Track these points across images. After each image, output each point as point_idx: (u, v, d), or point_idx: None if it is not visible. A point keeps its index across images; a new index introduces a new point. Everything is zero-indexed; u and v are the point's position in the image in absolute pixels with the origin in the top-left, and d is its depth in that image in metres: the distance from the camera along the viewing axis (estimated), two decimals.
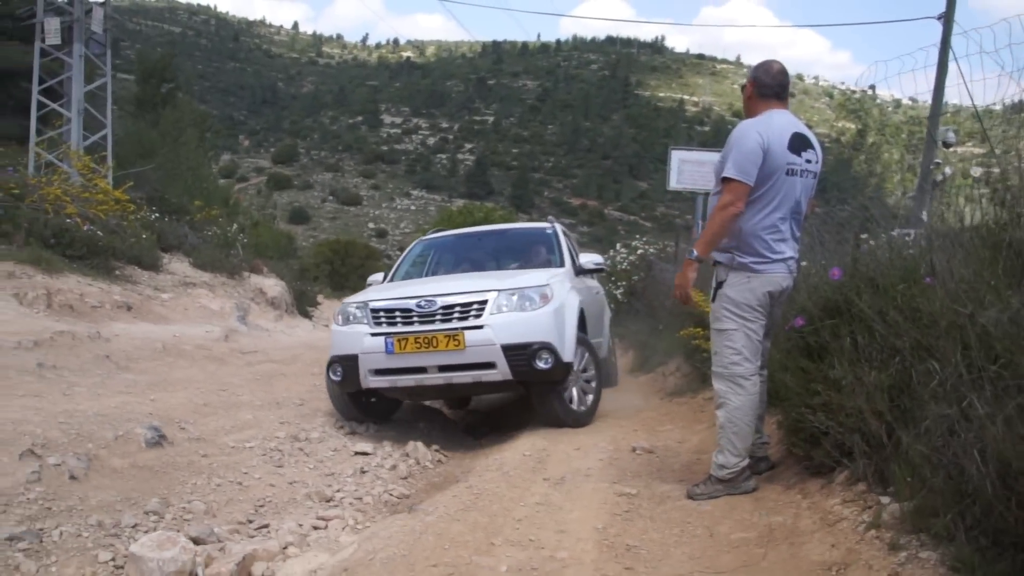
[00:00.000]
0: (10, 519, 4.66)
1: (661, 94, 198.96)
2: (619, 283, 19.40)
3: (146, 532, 4.81)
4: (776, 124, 5.11)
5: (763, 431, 5.59)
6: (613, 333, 12.51)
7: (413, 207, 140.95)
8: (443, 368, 7.69)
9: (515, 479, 5.94)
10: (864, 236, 5.86)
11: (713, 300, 5.33)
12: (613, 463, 6.34)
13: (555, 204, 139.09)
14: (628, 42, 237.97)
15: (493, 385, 8.08)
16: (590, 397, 8.40)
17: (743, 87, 5.53)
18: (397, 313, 7.91)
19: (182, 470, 6.24)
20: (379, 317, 7.98)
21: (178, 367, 9.80)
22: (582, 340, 8.28)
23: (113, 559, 4.53)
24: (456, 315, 7.74)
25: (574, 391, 8.20)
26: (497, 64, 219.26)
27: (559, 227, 10.47)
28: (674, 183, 15.83)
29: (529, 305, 7.83)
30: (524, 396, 9.85)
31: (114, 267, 14.84)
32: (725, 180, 5.07)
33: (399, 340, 7.69)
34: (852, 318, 4.80)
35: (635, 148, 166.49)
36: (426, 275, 10.25)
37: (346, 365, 7.97)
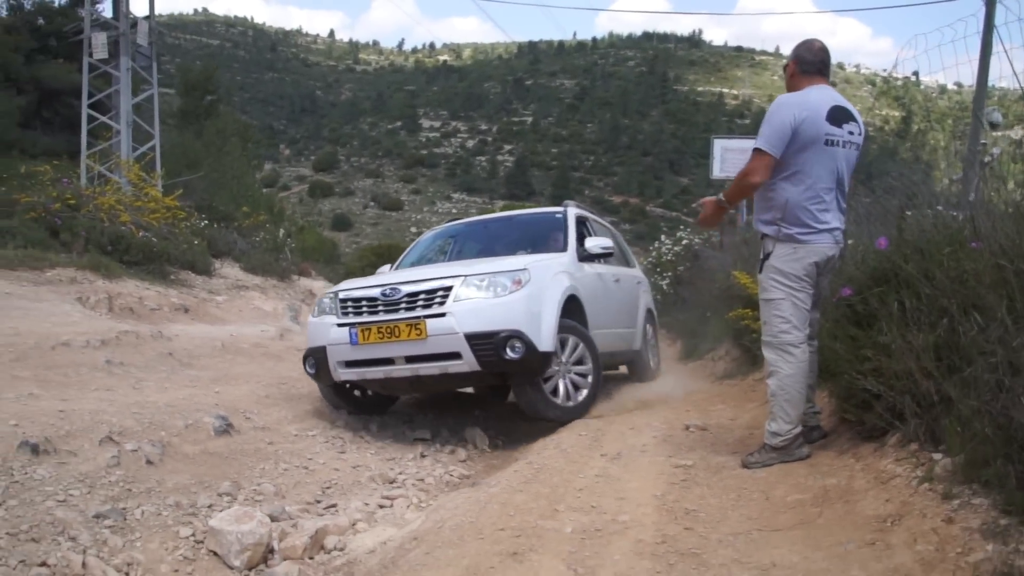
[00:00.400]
0: (95, 499, 4.89)
1: (700, 88, 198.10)
2: (664, 274, 19.50)
3: (221, 511, 5.01)
4: (813, 98, 5.27)
5: (814, 401, 5.72)
6: (659, 323, 12.48)
7: (455, 210, 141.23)
8: (409, 359, 7.33)
9: (573, 455, 6.11)
10: (909, 213, 5.96)
11: (760, 271, 5.48)
12: (667, 440, 6.48)
13: (596, 202, 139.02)
14: (665, 37, 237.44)
15: (464, 378, 7.64)
16: (583, 392, 7.89)
17: (785, 67, 5.70)
18: (364, 302, 7.64)
19: (250, 456, 6.46)
20: (346, 307, 7.75)
21: (237, 363, 10.05)
22: (572, 328, 7.83)
23: (193, 534, 4.76)
24: (420, 303, 7.35)
25: (561, 384, 7.72)
26: (534, 64, 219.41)
27: (574, 211, 9.83)
28: (717, 172, 15.97)
29: (498, 291, 7.37)
30: None
31: (169, 272, 15.20)
32: (754, 149, 5.27)
33: (363, 330, 7.44)
34: (899, 284, 4.91)
35: (675, 144, 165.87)
36: (427, 263, 9.78)
37: (317, 357, 7.80)
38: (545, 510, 4.59)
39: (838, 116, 5.28)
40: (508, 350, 7.11)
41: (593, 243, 9.05)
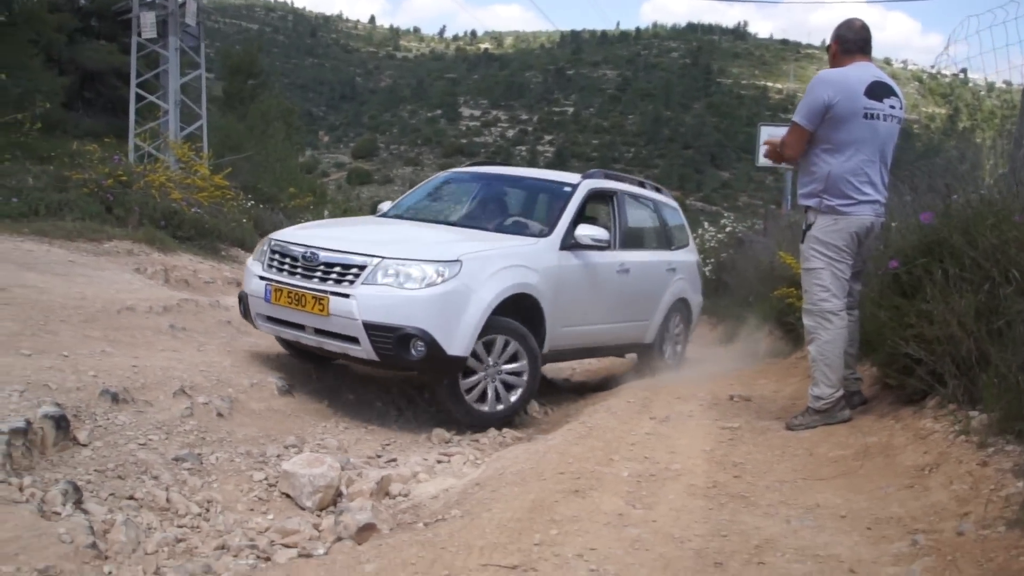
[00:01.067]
0: (173, 444, 5.18)
1: (744, 81, 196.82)
2: (708, 260, 19.63)
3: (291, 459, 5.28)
4: (852, 75, 5.53)
5: (855, 368, 5.94)
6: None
7: None
8: (317, 331, 6.83)
9: (623, 417, 6.36)
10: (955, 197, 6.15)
11: (802, 242, 5.73)
12: (713, 407, 6.72)
13: None
14: (709, 28, 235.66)
15: (367, 362, 6.97)
16: (516, 392, 7.26)
17: (828, 47, 5.92)
18: (287, 260, 7.13)
19: (312, 415, 6.74)
20: (272, 259, 7.26)
21: None
22: (506, 328, 7.08)
23: (266, 478, 5.06)
24: (333, 276, 6.77)
25: (489, 387, 7.12)
26: (576, 54, 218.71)
27: (589, 186, 8.75)
28: (763, 160, 16.05)
29: (413, 282, 6.61)
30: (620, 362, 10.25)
31: (220, 248, 15.51)
32: (791, 123, 5.62)
33: (275, 290, 7.01)
34: (943, 255, 5.12)
35: (717, 137, 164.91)
36: (411, 218, 8.95)
37: (243, 302, 7.55)
38: (601, 459, 4.84)
39: (878, 91, 5.51)
40: (410, 349, 6.53)
41: (584, 232, 8.02)
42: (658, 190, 10.76)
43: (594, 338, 8.68)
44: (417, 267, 6.67)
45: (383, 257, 6.70)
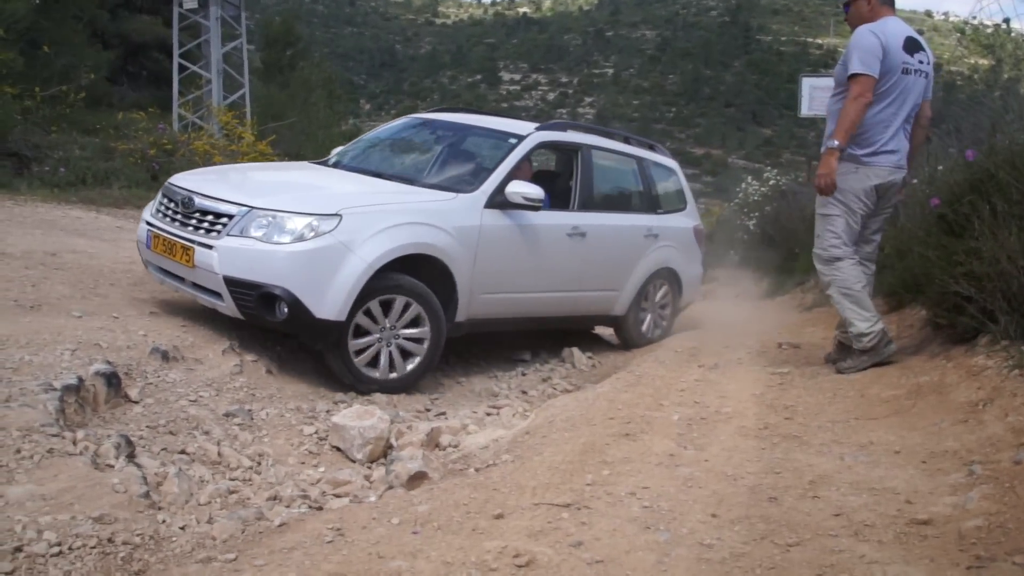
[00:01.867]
0: (223, 401, 5.23)
1: (784, 38, 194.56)
2: (751, 214, 19.50)
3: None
4: (891, 28, 5.50)
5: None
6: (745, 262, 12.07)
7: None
8: (193, 284, 6.29)
9: (671, 366, 6.35)
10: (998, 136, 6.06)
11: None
12: (762, 354, 6.68)
13: (678, 154, 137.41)
14: None
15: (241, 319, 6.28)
16: (413, 361, 6.55)
17: (849, 4, 5.85)
18: (171, 204, 6.55)
19: None
20: (161, 203, 6.71)
21: None
22: (404, 288, 6.38)
23: (316, 432, 5.10)
24: (204, 225, 6.20)
25: (384, 352, 6.41)
26: (614, 15, 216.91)
27: (538, 139, 7.91)
28: (805, 110, 15.90)
29: (279, 236, 5.95)
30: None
31: None
32: (852, 76, 5.45)
33: (154, 236, 6.48)
34: (990, 191, 5.04)
35: (758, 95, 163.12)
36: (351, 167, 7.97)
37: (139, 244, 6.93)
38: (651, 405, 4.83)
39: (911, 46, 5.52)
40: (273, 309, 5.94)
41: (515, 189, 7.14)
42: (651, 147, 9.64)
43: (536, 307, 7.79)
44: (289, 219, 6.01)
45: (252, 207, 6.09)
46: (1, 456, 3.50)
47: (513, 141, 7.68)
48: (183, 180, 6.77)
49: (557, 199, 7.96)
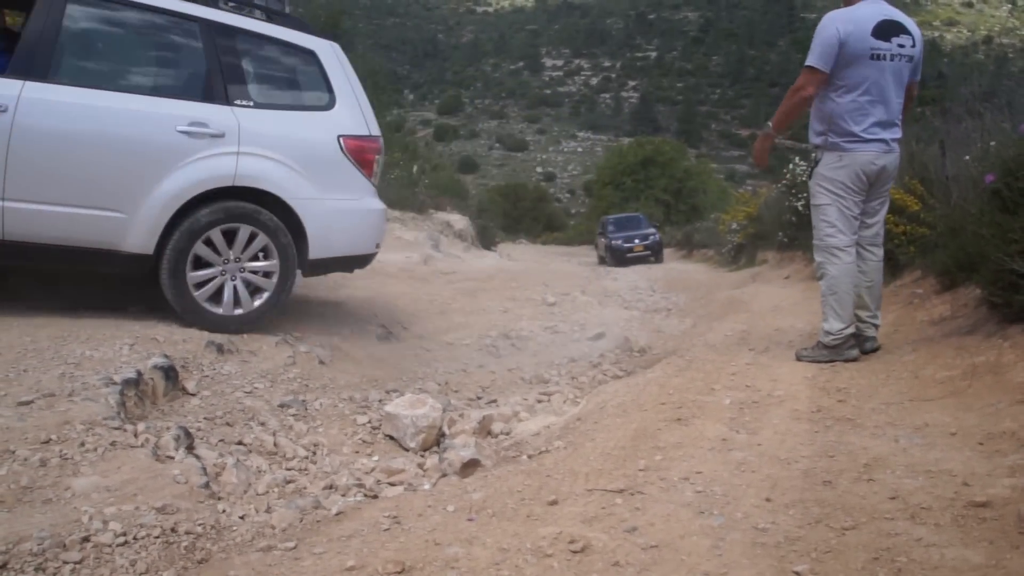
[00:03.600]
0: (278, 392, 5.29)
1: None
2: (799, 195, 19.32)
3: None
4: (860, 14, 5.50)
5: (878, 313, 5.85)
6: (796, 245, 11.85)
7: (580, 148, 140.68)
8: None
9: (721, 350, 6.35)
10: None
11: (809, 179, 5.77)
12: (813, 337, 6.64)
13: (723, 136, 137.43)
14: None
15: None
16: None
17: None
18: None
19: (410, 360, 6.83)
20: None
21: (389, 285, 10.48)
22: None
23: (369, 422, 5.13)
24: None
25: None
26: None
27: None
28: None
29: None
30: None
31: None
32: (804, 67, 5.51)
33: None
34: None
35: None
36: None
37: None
38: (702, 389, 4.83)
39: (887, 29, 5.47)
40: None
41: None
42: (270, 17, 6.75)
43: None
44: None
45: None
46: (66, 449, 3.57)
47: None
48: None
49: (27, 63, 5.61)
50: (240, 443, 4.51)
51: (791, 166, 22.69)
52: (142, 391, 4.58)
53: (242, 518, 3.52)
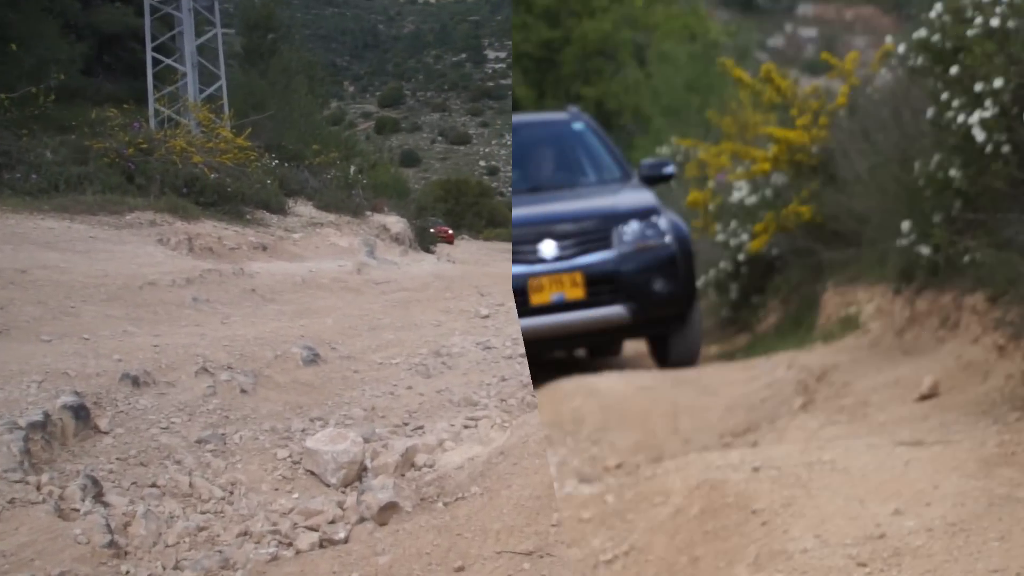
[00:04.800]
0: (196, 426, 5.16)
1: None
2: None
3: (315, 434, 5.25)
4: None
5: None
6: None
7: None
8: None
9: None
10: None
11: None
12: None
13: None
14: None
15: None
16: None
17: None
18: None
19: (337, 384, 6.71)
20: None
21: (319, 298, 10.32)
22: None
23: (290, 456, 5.02)
24: None
25: None
26: None
27: None
28: None
29: None
30: None
31: (244, 212, 15.55)
32: None
33: None
34: None
35: None
36: None
37: None
38: None
39: None
40: None
41: None
42: None
43: None
44: None
45: None
46: None
47: None
48: None
49: None
50: (154, 485, 4.40)
51: None
52: (50, 433, 4.45)
53: None
